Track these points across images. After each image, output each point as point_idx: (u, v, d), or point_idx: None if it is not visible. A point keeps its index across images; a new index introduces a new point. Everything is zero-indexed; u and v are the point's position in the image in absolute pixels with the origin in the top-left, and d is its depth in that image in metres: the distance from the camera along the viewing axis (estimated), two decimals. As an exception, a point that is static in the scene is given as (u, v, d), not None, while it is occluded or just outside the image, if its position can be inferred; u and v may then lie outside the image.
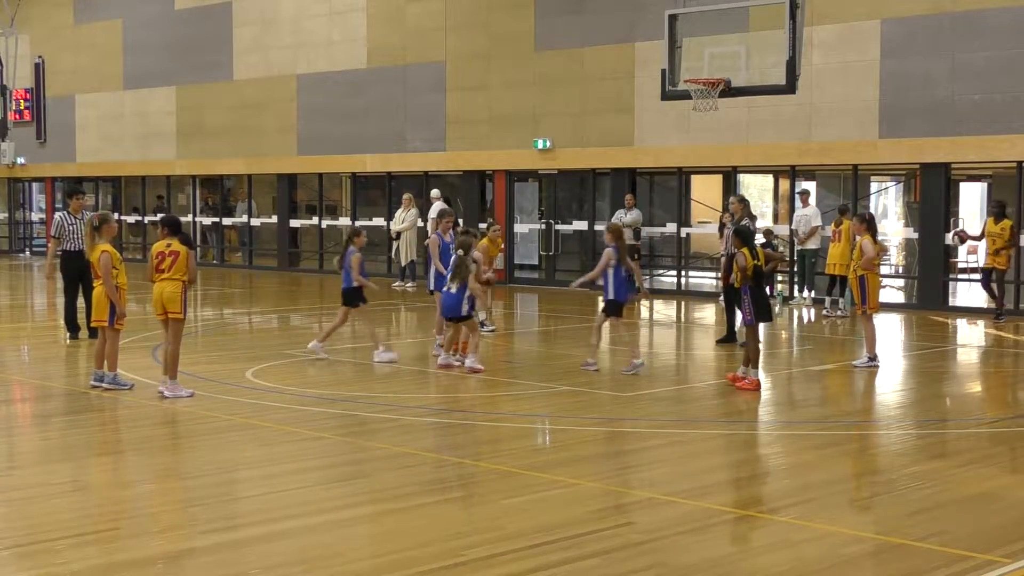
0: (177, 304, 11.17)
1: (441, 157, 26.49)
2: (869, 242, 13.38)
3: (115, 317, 11.54)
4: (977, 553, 6.53)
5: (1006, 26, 19.39)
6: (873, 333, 13.54)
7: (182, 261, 11.20)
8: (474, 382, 12.46)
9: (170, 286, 11.17)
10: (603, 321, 13.34)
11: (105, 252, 11.45)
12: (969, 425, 10.50)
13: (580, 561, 6.35)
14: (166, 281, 11.17)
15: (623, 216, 22.89)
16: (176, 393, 11.16)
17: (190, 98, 31.64)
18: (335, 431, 9.86)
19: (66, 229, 15.41)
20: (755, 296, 12.20)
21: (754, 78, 18.04)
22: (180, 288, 11.19)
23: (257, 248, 31.34)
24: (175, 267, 11.19)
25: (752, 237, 12.52)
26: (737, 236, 12.37)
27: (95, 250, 11.55)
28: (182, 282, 11.20)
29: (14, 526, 7.10)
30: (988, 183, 28.05)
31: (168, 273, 11.19)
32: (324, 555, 6.50)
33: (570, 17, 24.37)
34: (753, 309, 12.17)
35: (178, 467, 8.82)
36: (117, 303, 11.51)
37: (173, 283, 11.18)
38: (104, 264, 11.41)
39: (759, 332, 12.37)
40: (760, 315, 12.21)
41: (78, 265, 15.05)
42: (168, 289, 11.17)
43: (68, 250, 15.42)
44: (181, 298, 11.20)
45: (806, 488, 8.22)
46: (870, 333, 13.53)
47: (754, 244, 12.44)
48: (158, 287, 11.21)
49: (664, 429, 10.11)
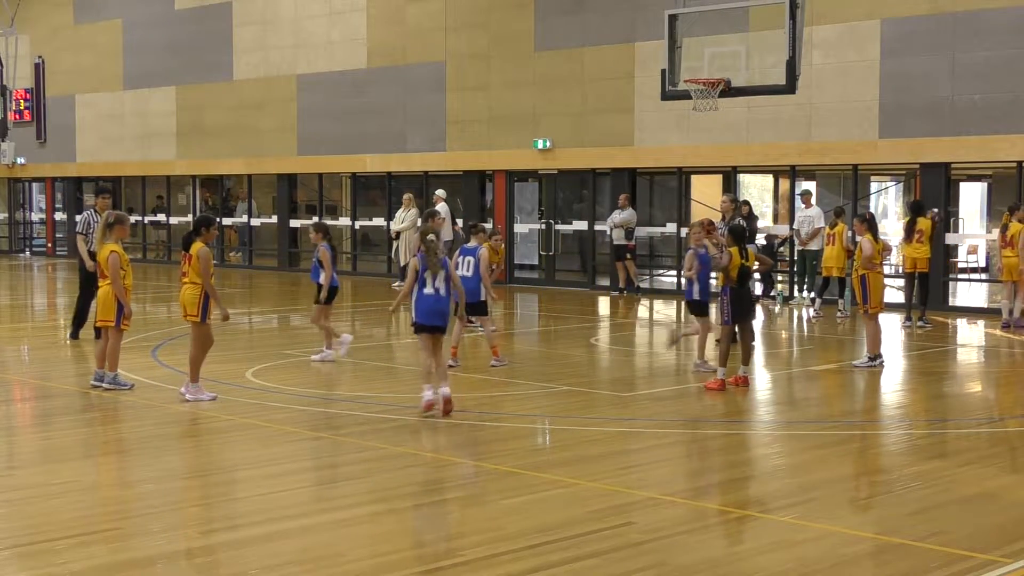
0: (194, 307, 11.01)
1: (441, 157, 26.49)
2: (869, 241, 13.38)
3: (122, 317, 11.56)
4: (977, 553, 6.53)
5: (1006, 26, 19.39)
6: (875, 333, 13.53)
7: (195, 263, 11.02)
8: (474, 382, 12.47)
9: (188, 289, 11.03)
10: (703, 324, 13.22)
11: (114, 252, 11.46)
12: (969, 425, 10.50)
13: (580, 561, 6.35)
14: (186, 284, 11.05)
15: (616, 216, 22.92)
16: (197, 396, 11.03)
17: (190, 98, 31.64)
18: (335, 431, 9.85)
19: (92, 227, 15.37)
20: (735, 297, 12.12)
21: (754, 78, 18.05)
22: (197, 291, 10.98)
23: (257, 248, 31.35)
24: (191, 270, 11.03)
25: (744, 236, 12.48)
26: (729, 234, 12.35)
27: (104, 249, 11.57)
28: (199, 285, 10.98)
29: (14, 526, 7.10)
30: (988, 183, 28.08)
31: (188, 276, 11.05)
32: (324, 555, 6.50)
33: (570, 17, 24.37)
34: (731, 310, 12.10)
35: (178, 467, 8.81)
36: (125, 302, 11.53)
37: (190, 287, 11.02)
38: (113, 264, 11.42)
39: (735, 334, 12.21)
40: (738, 317, 12.15)
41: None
42: (187, 292, 11.04)
43: (92, 249, 15.35)
44: (198, 302, 10.99)
45: (806, 488, 8.22)
46: (872, 333, 13.52)
47: (745, 244, 12.39)
48: (181, 290, 11.14)
49: (664, 429, 10.11)
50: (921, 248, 17.92)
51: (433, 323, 10.28)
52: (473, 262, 13.07)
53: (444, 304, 10.34)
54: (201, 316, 11.01)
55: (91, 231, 15.32)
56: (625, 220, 22.86)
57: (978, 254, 26.71)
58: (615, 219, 22.94)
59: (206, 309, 11.02)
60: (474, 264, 13.06)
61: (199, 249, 10.98)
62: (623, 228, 22.78)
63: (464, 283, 13.05)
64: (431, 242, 10.36)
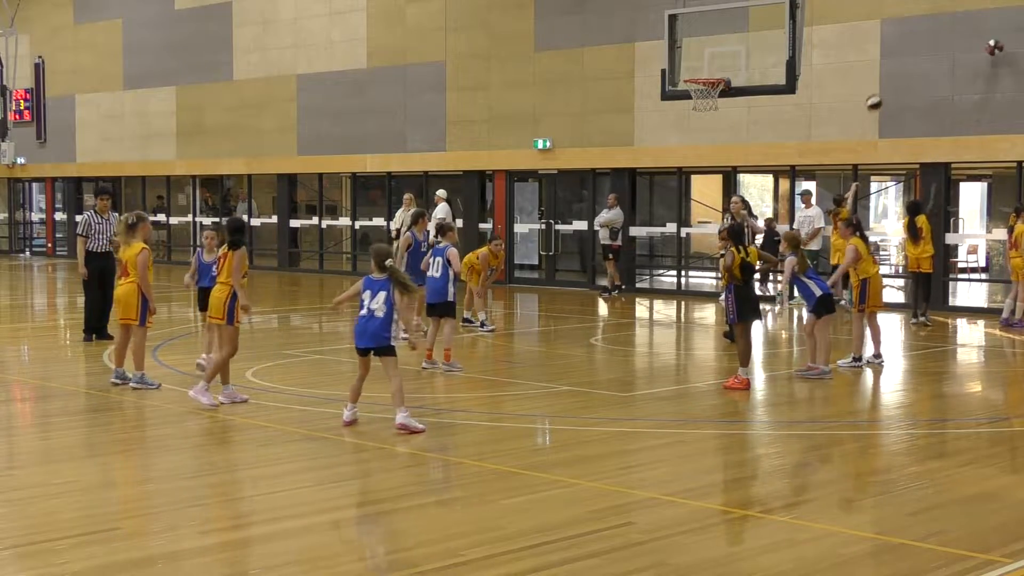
0: (219, 310, 10.77)
1: (441, 157, 26.49)
2: (854, 248, 13.45)
3: (147, 314, 11.59)
4: (976, 553, 6.53)
5: (1006, 26, 19.39)
6: (861, 334, 13.59)
7: (228, 264, 10.80)
8: (474, 382, 12.46)
9: (217, 290, 10.86)
10: (814, 322, 13.11)
11: (145, 250, 11.60)
12: (969, 425, 10.50)
13: (580, 561, 6.35)
14: (218, 285, 10.87)
15: (603, 215, 22.89)
16: (233, 399, 10.84)
17: (190, 98, 31.64)
18: (335, 431, 9.85)
19: (93, 228, 15.34)
20: (740, 295, 12.16)
21: (754, 78, 18.05)
22: (225, 292, 10.74)
23: (257, 248, 31.34)
24: (223, 271, 10.84)
25: (742, 234, 12.53)
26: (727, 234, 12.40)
27: (132, 247, 11.62)
28: (229, 286, 10.74)
29: (14, 526, 7.10)
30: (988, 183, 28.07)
31: (220, 277, 10.86)
32: (324, 555, 6.50)
33: (570, 17, 24.37)
34: (736, 307, 12.14)
35: (178, 467, 8.81)
36: (151, 300, 11.61)
37: (219, 287, 10.83)
38: (142, 262, 11.53)
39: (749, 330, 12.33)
40: (744, 314, 12.17)
41: (101, 265, 15.05)
42: (215, 294, 10.86)
43: (92, 250, 15.32)
44: (224, 303, 10.73)
45: (806, 488, 8.21)
46: (857, 334, 13.60)
47: (744, 243, 12.43)
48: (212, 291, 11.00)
49: (664, 429, 10.11)
50: (925, 247, 17.92)
51: (363, 344, 9.80)
52: (442, 262, 13.07)
53: (375, 325, 9.70)
54: (227, 318, 10.74)
55: (92, 232, 15.33)
56: (611, 220, 22.75)
57: (978, 254, 26.70)
58: (601, 218, 22.90)
59: (232, 311, 10.71)
60: (442, 264, 13.06)
61: (241, 249, 10.83)
62: (608, 228, 22.71)
63: (432, 283, 13.09)
64: (391, 267, 9.80)
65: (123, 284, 11.71)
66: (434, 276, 13.08)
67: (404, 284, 9.75)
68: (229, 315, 10.74)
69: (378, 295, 9.69)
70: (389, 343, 9.76)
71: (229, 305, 10.72)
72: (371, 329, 9.70)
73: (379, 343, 9.73)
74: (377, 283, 9.76)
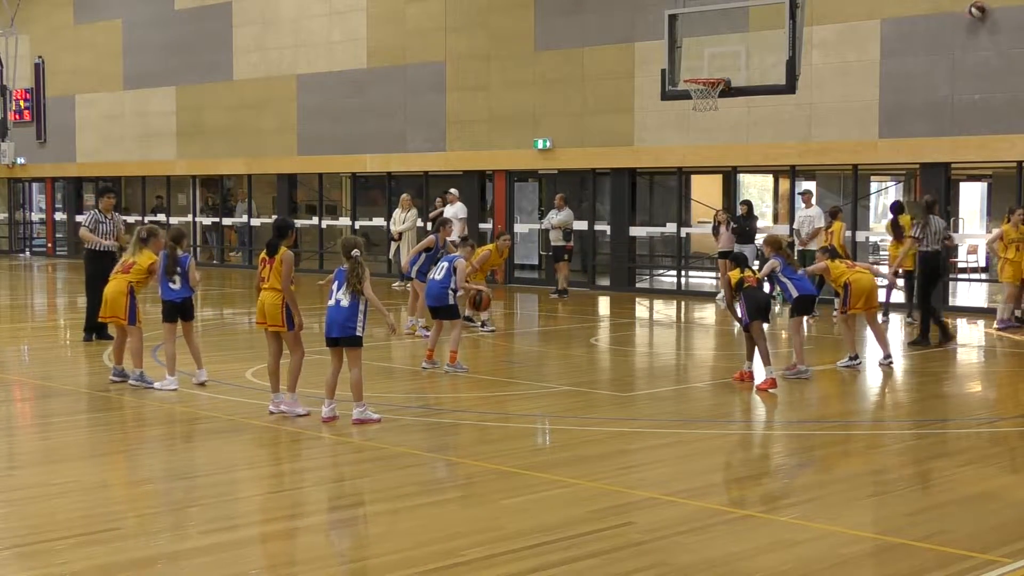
0: (277, 317, 10.29)
1: (441, 157, 26.49)
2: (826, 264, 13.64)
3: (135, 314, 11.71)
4: (977, 553, 6.53)
5: (1006, 26, 19.39)
6: (850, 335, 13.72)
7: (276, 267, 10.35)
8: (474, 382, 12.46)
9: (269, 296, 10.33)
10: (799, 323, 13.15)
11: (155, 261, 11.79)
12: (969, 425, 10.50)
13: (580, 561, 6.35)
14: (266, 291, 10.35)
15: (553, 216, 22.88)
16: (293, 410, 10.35)
17: (190, 98, 31.64)
18: (335, 431, 9.85)
19: (98, 227, 15.32)
20: (748, 296, 12.29)
21: (754, 78, 18.04)
22: (279, 298, 10.27)
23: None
24: (272, 275, 10.36)
25: (746, 261, 12.79)
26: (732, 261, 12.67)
27: (145, 255, 11.82)
28: (279, 292, 10.28)
29: (14, 526, 7.10)
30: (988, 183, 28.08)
31: (268, 282, 10.35)
32: (324, 555, 6.50)
33: (570, 17, 24.37)
34: (746, 309, 12.25)
35: (178, 467, 8.81)
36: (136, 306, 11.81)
37: (271, 293, 10.33)
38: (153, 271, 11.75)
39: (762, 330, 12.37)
40: (753, 315, 12.25)
41: (102, 266, 15.03)
42: (267, 299, 10.34)
43: (94, 250, 15.31)
44: (281, 311, 10.26)
45: (806, 488, 8.22)
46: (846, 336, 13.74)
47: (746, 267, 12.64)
48: (260, 297, 10.48)
49: (664, 429, 10.11)
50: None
51: (332, 335, 9.94)
52: (446, 268, 13.08)
53: (342, 316, 9.88)
54: (287, 324, 10.29)
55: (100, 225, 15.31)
56: (563, 221, 22.75)
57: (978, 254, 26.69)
58: (552, 220, 22.89)
59: (290, 316, 10.29)
60: (446, 270, 13.06)
61: (284, 253, 10.37)
62: (560, 229, 22.70)
63: (432, 285, 13.12)
64: (355, 259, 9.90)
65: (116, 279, 11.75)
66: (435, 279, 13.07)
67: (359, 279, 9.89)
68: (288, 321, 10.30)
69: (344, 285, 9.96)
70: (355, 333, 9.96)
71: (286, 310, 10.29)
72: (339, 319, 9.93)
73: (344, 333, 9.94)
74: (344, 273, 10.01)
